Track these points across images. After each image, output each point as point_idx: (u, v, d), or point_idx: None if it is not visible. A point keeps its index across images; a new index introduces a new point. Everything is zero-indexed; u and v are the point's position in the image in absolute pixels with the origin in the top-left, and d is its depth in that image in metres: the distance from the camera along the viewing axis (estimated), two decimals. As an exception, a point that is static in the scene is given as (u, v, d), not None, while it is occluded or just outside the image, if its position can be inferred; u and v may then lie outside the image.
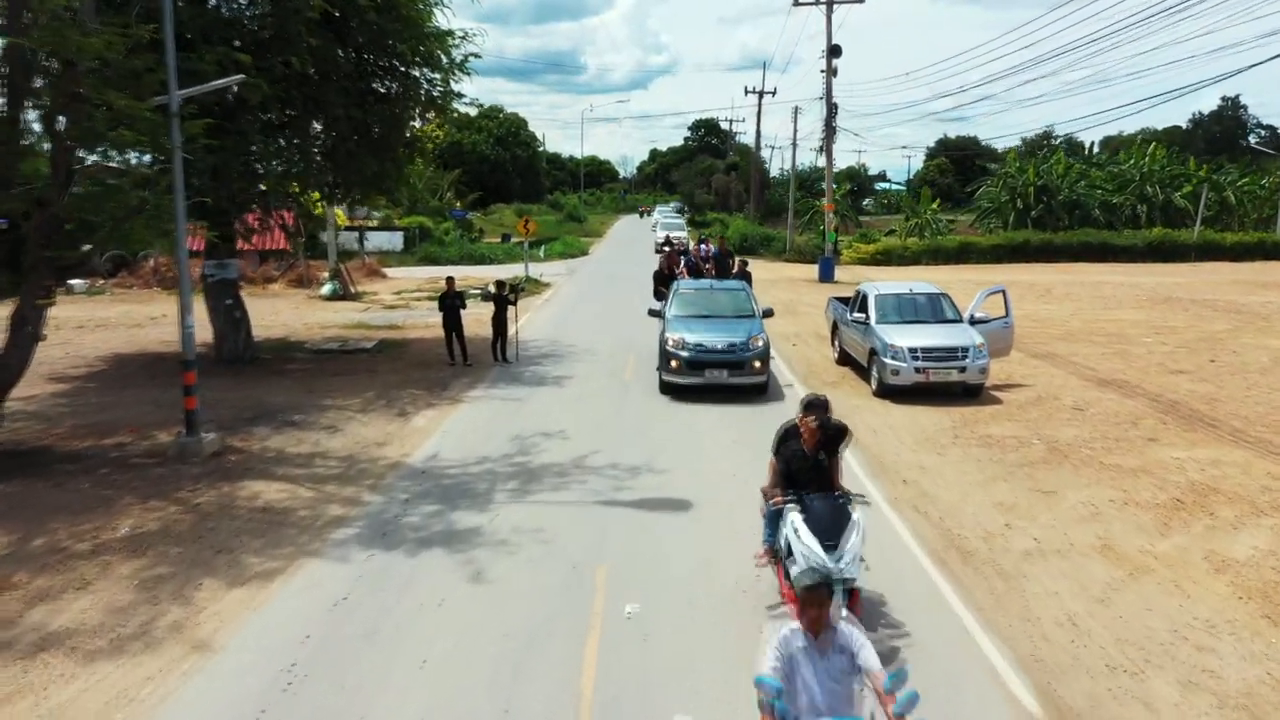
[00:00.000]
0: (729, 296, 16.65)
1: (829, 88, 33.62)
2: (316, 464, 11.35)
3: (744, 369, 14.52)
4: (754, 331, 14.94)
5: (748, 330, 14.96)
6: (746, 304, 16.33)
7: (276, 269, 31.41)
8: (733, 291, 17.01)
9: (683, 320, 15.44)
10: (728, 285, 17.84)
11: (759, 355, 14.62)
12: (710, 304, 16.24)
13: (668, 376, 14.78)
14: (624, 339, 20.58)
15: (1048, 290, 31.89)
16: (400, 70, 17.41)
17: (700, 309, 16.00)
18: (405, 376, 16.73)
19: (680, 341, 14.68)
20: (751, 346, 14.61)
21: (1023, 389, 15.60)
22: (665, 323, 15.67)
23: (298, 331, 22.08)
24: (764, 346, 14.76)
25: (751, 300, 16.58)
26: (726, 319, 15.55)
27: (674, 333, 14.93)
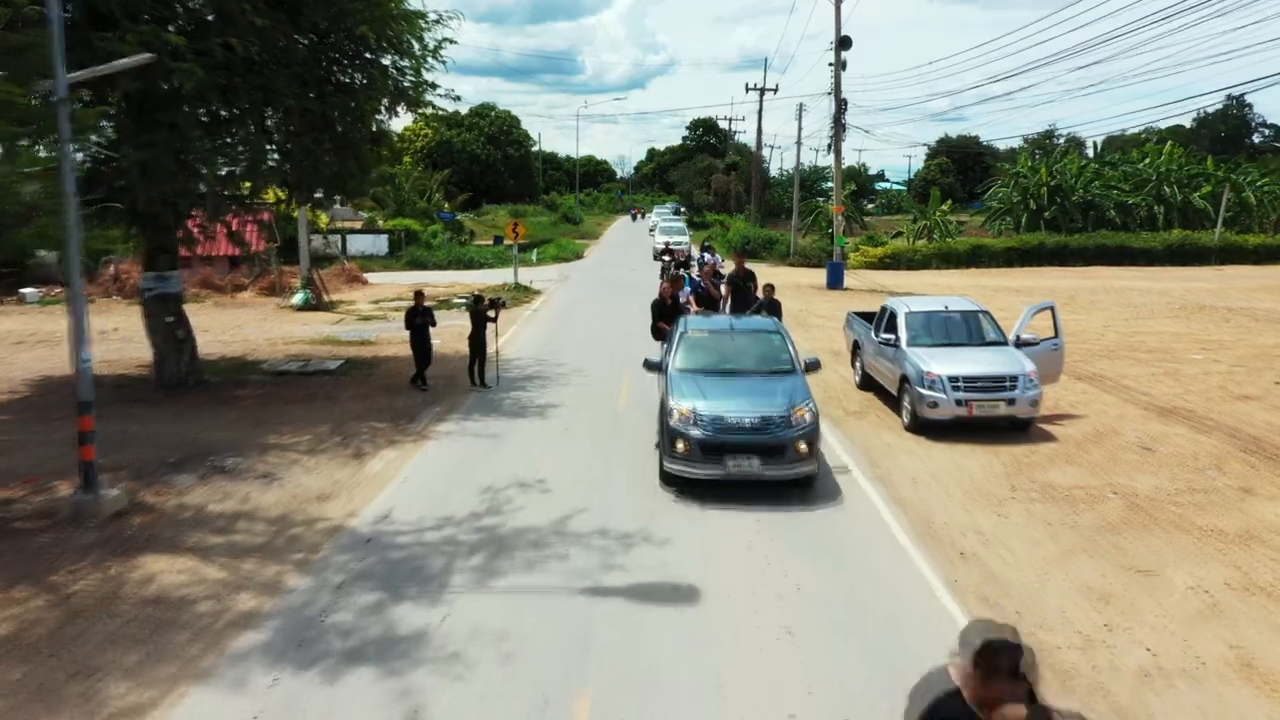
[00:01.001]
0: (757, 342, 11.81)
1: (838, 81, 31.62)
2: (239, 528, 9.28)
3: (784, 456, 9.77)
4: (797, 398, 10.29)
5: (788, 394, 10.32)
6: (782, 353, 11.54)
7: (247, 276, 29.32)
8: (762, 335, 11.98)
9: (692, 379, 10.76)
10: (754, 325, 12.49)
11: (805, 434, 9.90)
12: (731, 353, 11.51)
13: (672, 465, 10.01)
14: (618, 356, 18.52)
15: (1072, 298, 29.87)
16: (364, 57, 15.35)
17: (716, 360, 11.31)
18: (369, 405, 14.67)
19: (690, 414, 9.98)
20: (796, 422, 9.91)
21: (1075, 420, 13.57)
22: (667, 381, 11.03)
23: (259, 348, 20.01)
24: (812, 421, 10.06)
25: (789, 346, 11.74)
26: (755, 376, 10.98)
27: (680, 398, 10.26)
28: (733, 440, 9.81)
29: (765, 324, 12.58)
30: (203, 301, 27.57)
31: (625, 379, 16.14)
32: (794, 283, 34.20)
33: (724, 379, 10.86)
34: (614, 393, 15.33)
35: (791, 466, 9.86)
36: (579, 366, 17.71)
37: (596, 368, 17.59)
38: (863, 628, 7.12)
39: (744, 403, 10.14)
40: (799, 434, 9.88)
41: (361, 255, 40.42)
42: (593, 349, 19.69)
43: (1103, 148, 65.13)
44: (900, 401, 13.30)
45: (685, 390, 10.46)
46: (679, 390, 10.51)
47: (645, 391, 14.72)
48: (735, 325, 12.52)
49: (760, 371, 11.14)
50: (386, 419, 13.77)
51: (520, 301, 28.11)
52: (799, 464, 9.91)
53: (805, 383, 10.88)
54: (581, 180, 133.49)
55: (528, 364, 18.13)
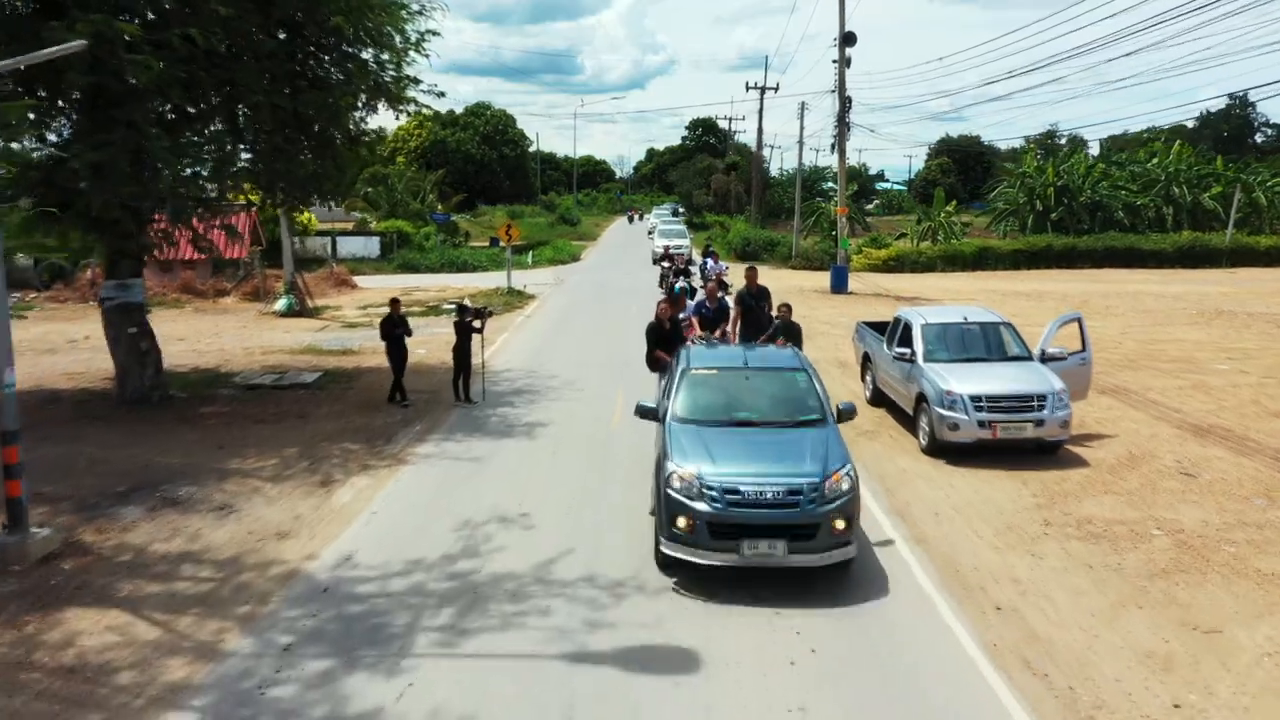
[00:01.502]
0: (778, 383, 9.53)
1: (842, 78, 30.58)
2: (183, 574, 8.27)
3: (816, 537, 7.61)
4: (832, 458, 8.04)
5: (820, 454, 8.09)
6: (810, 397, 9.19)
7: (229, 281, 28.30)
8: (784, 373, 9.66)
9: (696, 433, 8.47)
10: (773, 360, 10.11)
11: (844, 507, 7.72)
12: (745, 397, 9.27)
13: (672, 549, 7.79)
14: (613, 367, 17.52)
15: (1084, 303, 28.84)
16: (340, 50, 14.35)
17: (727, 407, 9.06)
18: (343, 424, 13.65)
19: (694, 480, 7.76)
20: (831, 491, 7.70)
21: (1105, 441, 12.56)
22: (664, 434, 8.68)
23: (234, 358, 18.99)
24: (851, 489, 7.85)
25: (817, 388, 9.34)
26: (777, 429, 8.71)
27: (682, 459, 8.04)
28: (751, 518, 7.60)
29: (786, 358, 10.13)
30: (183, 307, 26.57)
31: (619, 394, 15.11)
32: (796, 286, 33.19)
33: (737, 433, 8.60)
34: (607, 409, 14.31)
35: (826, 552, 7.65)
36: (571, 379, 16.69)
37: (589, 380, 16.58)
38: (889, 708, 6.10)
39: (764, 466, 7.94)
40: (836, 508, 7.67)
41: (352, 258, 39.39)
42: (586, 359, 18.68)
43: (1105, 148, 64.06)
44: (916, 421, 12.29)
45: (688, 448, 8.20)
46: (680, 448, 8.23)
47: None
48: (750, 359, 10.09)
49: (783, 422, 8.82)
50: (361, 440, 12.75)
51: (513, 307, 27.11)
52: (836, 548, 7.68)
53: (840, 437, 8.60)
54: (580, 180, 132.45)
55: (517, 376, 17.11)
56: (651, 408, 9.45)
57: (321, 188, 15.15)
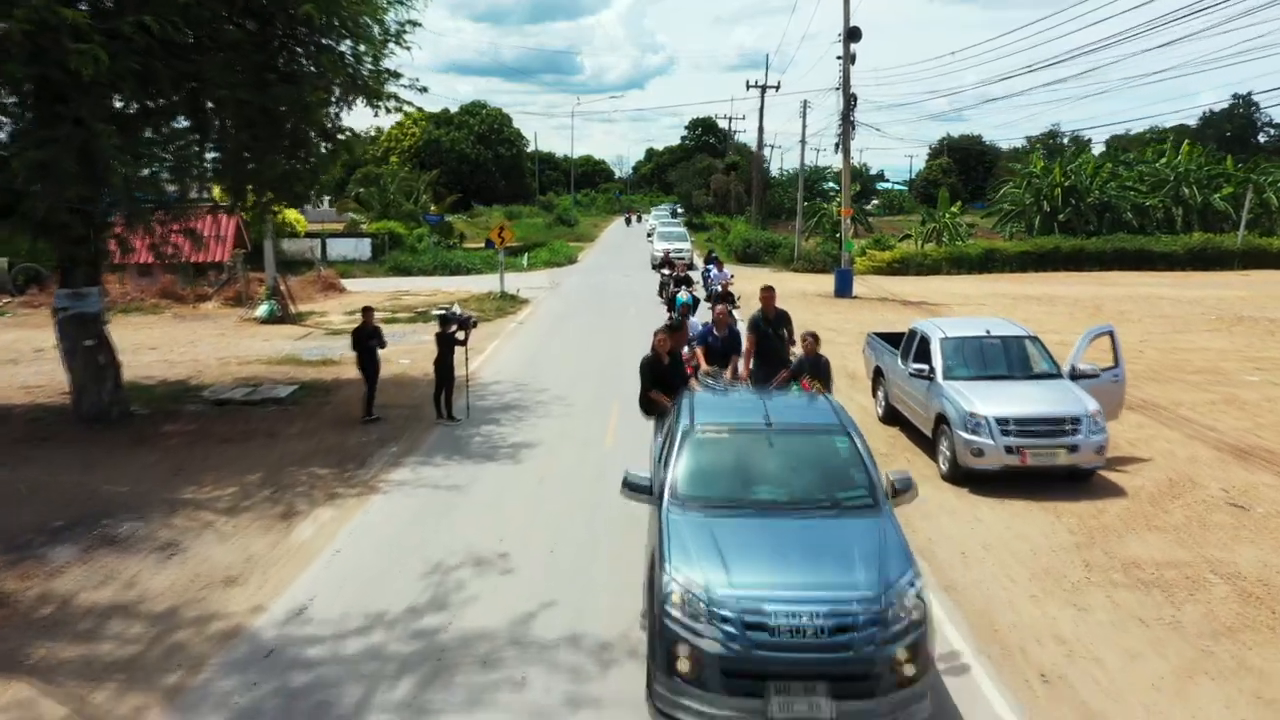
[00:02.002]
0: (810, 448, 7.10)
1: (846, 75, 29.56)
2: (109, 631, 7.25)
3: (876, 686, 5.36)
4: (891, 566, 5.78)
5: (874, 559, 5.83)
6: (854, 469, 6.86)
7: (211, 285, 27.27)
8: (817, 435, 7.21)
9: (704, 524, 6.20)
10: (802, 415, 7.80)
11: (911, 639, 5.47)
12: (768, 468, 6.92)
13: (669, 701, 5.51)
14: (608, 379, 16.51)
15: (1098, 308, 27.86)
16: (311, 41, 13.32)
17: (743, 483, 6.76)
18: (314, 444, 12.64)
19: (700, 599, 5.56)
20: (895, 617, 5.49)
21: (1140, 465, 11.54)
22: (660, 524, 6.37)
23: (208, 369, 17.96)
24: (921, 615, 5.57)
25: (863, 457, 6.92)
26: (810, 516, 6.40)
27: (684, 564, 5.80)
28: (782, 660, 5.31)
29: (821, 413, 7.62)
30: (161, 313, 25.55)
31: (614, 410, 14.10)
32: (799, 290, 32.19)
33: (759, 523, 6.26)
34: (600, 427, 13.29)
35: (890, 710, 5.32)
36: (563, 393, 15.67)
37: (582, 394, 15.56)
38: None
39: (799, 575, 5.66)
40: (901, 641, 5.38)
41: (342, 260, 38.36)
42: (579, 370, 17.66)
43: (1111, 148, 62.96)
44: (936, 444, 11.26)
45: (692, 547, 5.88)
46: (681, 546, 5.91)
47: (635, 427, 12.73)
48: (773, 413, 7.40)
49: (820, 506, 6.47)
50: (332, 463, 11.73)
51: (505, 313, 26.08)
52: (904, 706, 5.34)
53: (899, 529, 6.25)
54: (579, 180, 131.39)
55: (505, 390, 16.09)
56: (643, 482, 6.96)
57: (293, 189, 14.11)
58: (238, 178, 13.70)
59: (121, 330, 22.76)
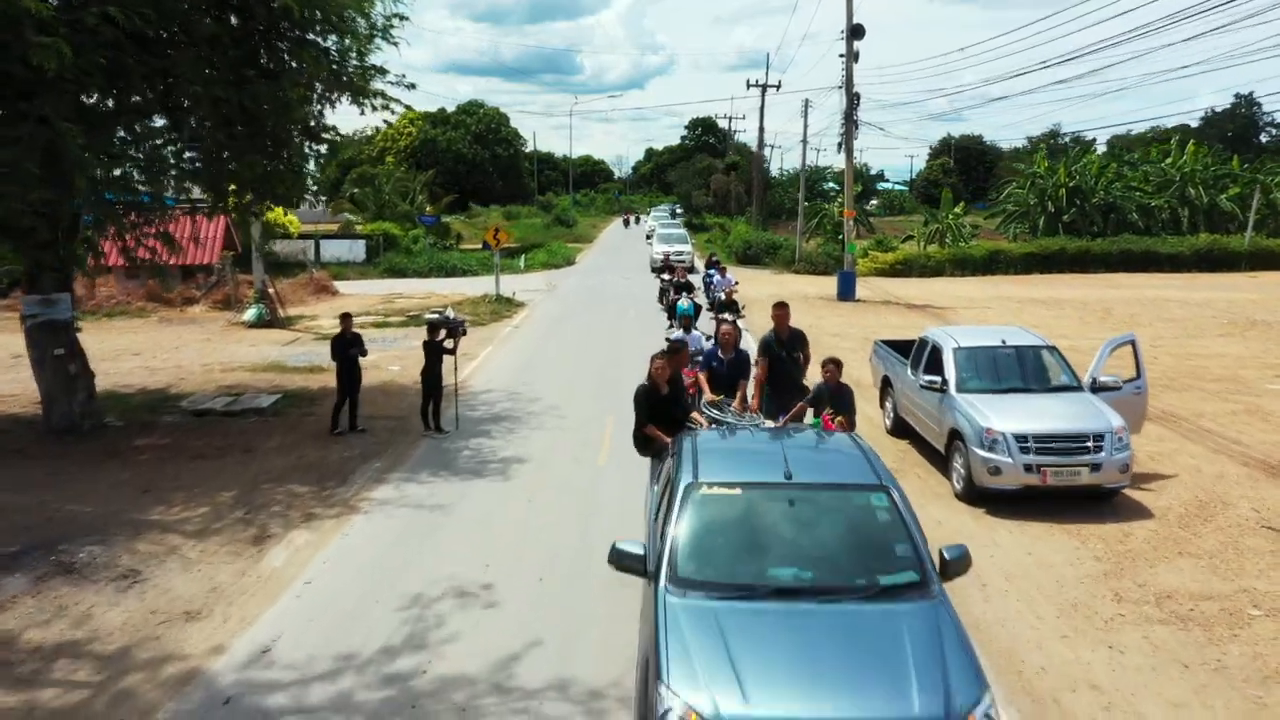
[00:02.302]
0: (840, 511, 5.84)
1: (849, 74, 28.95)
2: (55, 674, 6.63)
3: None
4: (961, 684, 4.51)
5: (933, 665, 4.61)
6: (898, 539, 5.58)
7: (199, 288, 26.65)
8: (849, 493, 5.95)
9: (709, 617, 4.99)
10: (830, 466, 6.48)
11: None
12: (787, 535, 5.68)
13: None
14: (604, 387, 15.93)
15: (1106, 311, 27.27)
16: (292, 35, 12.70)
17: (758, 558, 5.53)
18: (294, 459, 12.02)
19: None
20: None
21: (1165, 483, 10.92)
22: (656, 617, 5.11)
23: (190, 376, 17.34)
24: None
25: (907, 523, 5.64)
26: (843, 604, 5.14)
27: (687, 682, 4.54)
28: None
29: (853, 464, 6.26)
30: (148, 317, 24.93)
31: (608, 423, 13.49)
32: (801, 293, 31.60)
33: (780, 615, 5.04)
34: (594, 441, 12.68)
35: None
36: (556, 403, 15.05)
37: (577, 404, 14.94)
38: None
39: (834, 700, 4.44)
40: None
41: (336, 262, 37.80)
42: (574, 378, 17.05)
43: (1115, 148, 62.30)
44: (949, 461, 10.65)
45: (695, 652, 4.70)
46: (682, 652, 4.73)
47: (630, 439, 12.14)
48: (794, 463, 6.03)
49: (856, 591, 5.23)
50: (311, 480, 11.11)
51: (500, 316, 25.47)
52: None
53: (957, 622, 5.09)
54: (578, 181, 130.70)
55: (497, 399, 15.47)
56: (635, 552, 5.65)
57: (275, 190, 13.48)
58: (216, 178, 13.09)
59: (105, 335, 22.20)
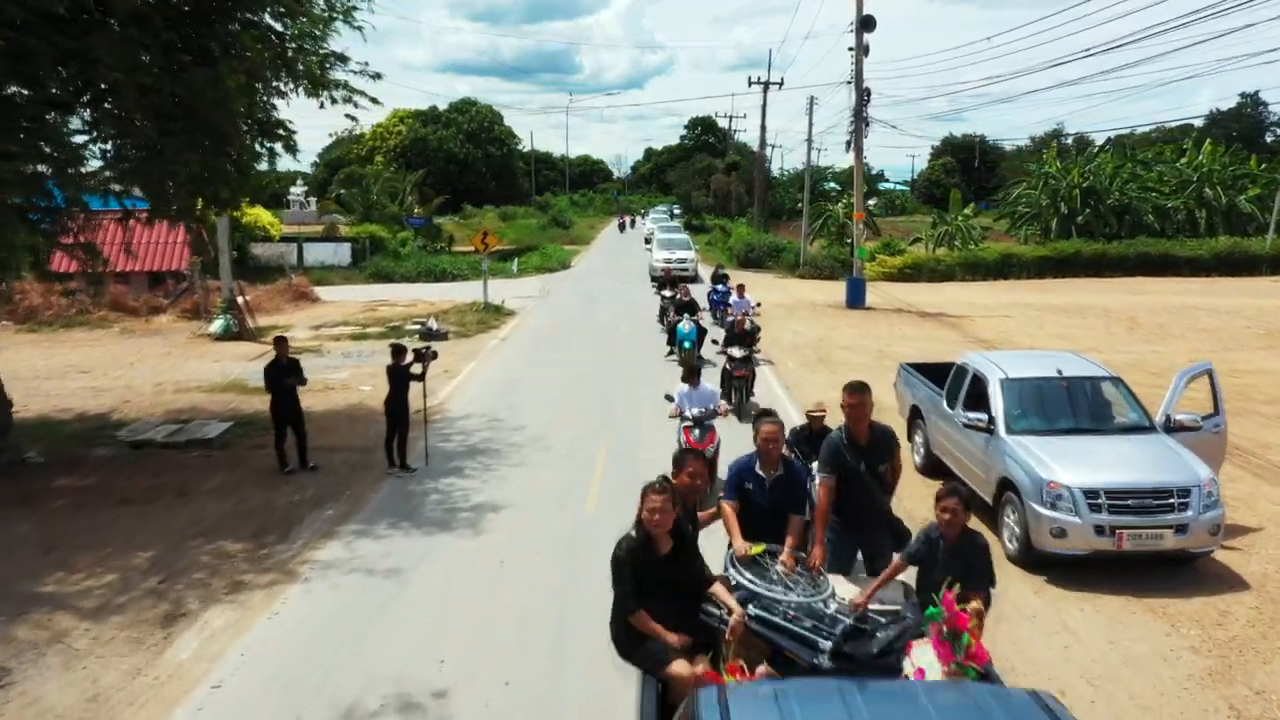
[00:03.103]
0: None
1: (859, 68, 27.31)
2: None
3: None
4: None
5: None
6: None
7: (167, 296, 24.99)
8: None
9: None
10: None
11: None
12: None
13: None
14: (597, 413, 14.34)
15: (1133, 320, 25.63)
16: (235, 14, 11.08)
17: None
18: (234, 503, 10.39)
19: None
20: None
21: (1251, 538, 9.28)
22: None
23: (139, 399, 15.70)
24: None
25: None
26: None
27: None
28: None
29: None
30: (109, 327, 23.28)
31: (599, 457, 11.90)
32: (808, 300, 29.98)
33: None
34: (583, 480, 11.04)
35: None
36: (542, 431, 13.40)
37: (565, 433, 13.30)
38: None
39: None
40: None
41: (320, 266, 36.12)
42: (564, 400, 15.40)
43: (1127, 147, 60.53)
44: (999, 515, 9.01)
45: None
46: None
47: (626, 479, 10.50)
48: None
49: None
50: (248, 534, 9.48)
51: (488, 326, 23.81)
52: None
53: None
54: (577, 181, 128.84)
55: (476, 426, 13.82)
56: None
57: (216, 193, 11.81)
58: (150, 179, 11.42)
59: (58, 348, 20.57)
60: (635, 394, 15.57)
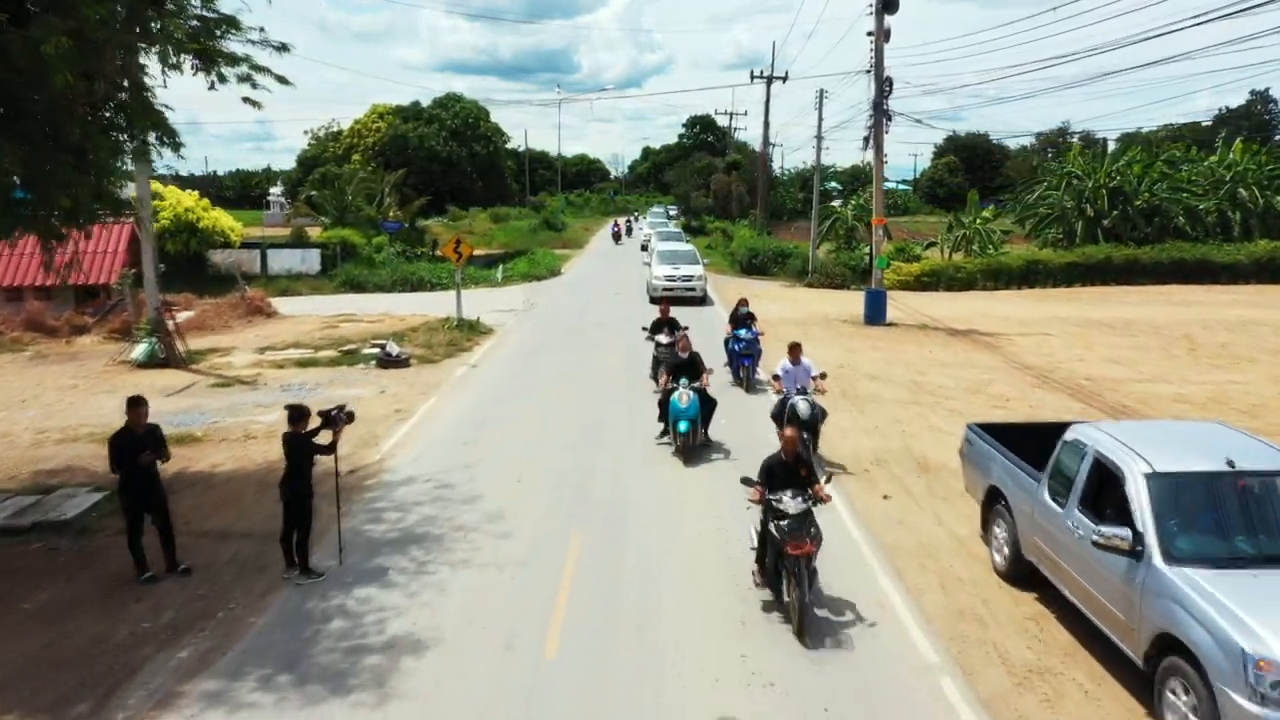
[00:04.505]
0: None
1: (879, 55, 24.30)
2: None
3: None
4: None
5: None
6: None
7: (94, 313, 21.99)
8: None
9: None
10: None
11: None
12: None
13: None
14: (576, 473, 11.39)
15: (1189, 338, 22.66)
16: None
17: None
18: (54, 636, 7.43)
19: None
20: None
21: None
22: None
23: (11, 451, 12.72)
24: None
25: None
26: None
27: None
28: None
29: None
30: (21, 351, 20.28)
31: (572, 554, 8.93)
32: (821, 314, 26.99)
33: None
34: (545, 600, 8.05)
35: None
36: (500, 507, 10.41)
37: (530, 510, 10.31)
38: None
39: None
40: None
41: (287, 274, 33.14)
42: (535, 458, 12.38)
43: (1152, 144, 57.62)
44: (1160, 688, 6.01)
45: None
46: None
47: (604, 601, 7.56)
48: None
49: None
50: (49, 701, 6.52)
51: (459, 349, 20.80)
52: None
53: None
54: (574, 180, 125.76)
55: (417, 497, 10.83)
56: None
57: (50, 198, 8.73)
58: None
59: (-56, 380, 17.57)
60: (625, 449, 12.61)
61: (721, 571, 8.60)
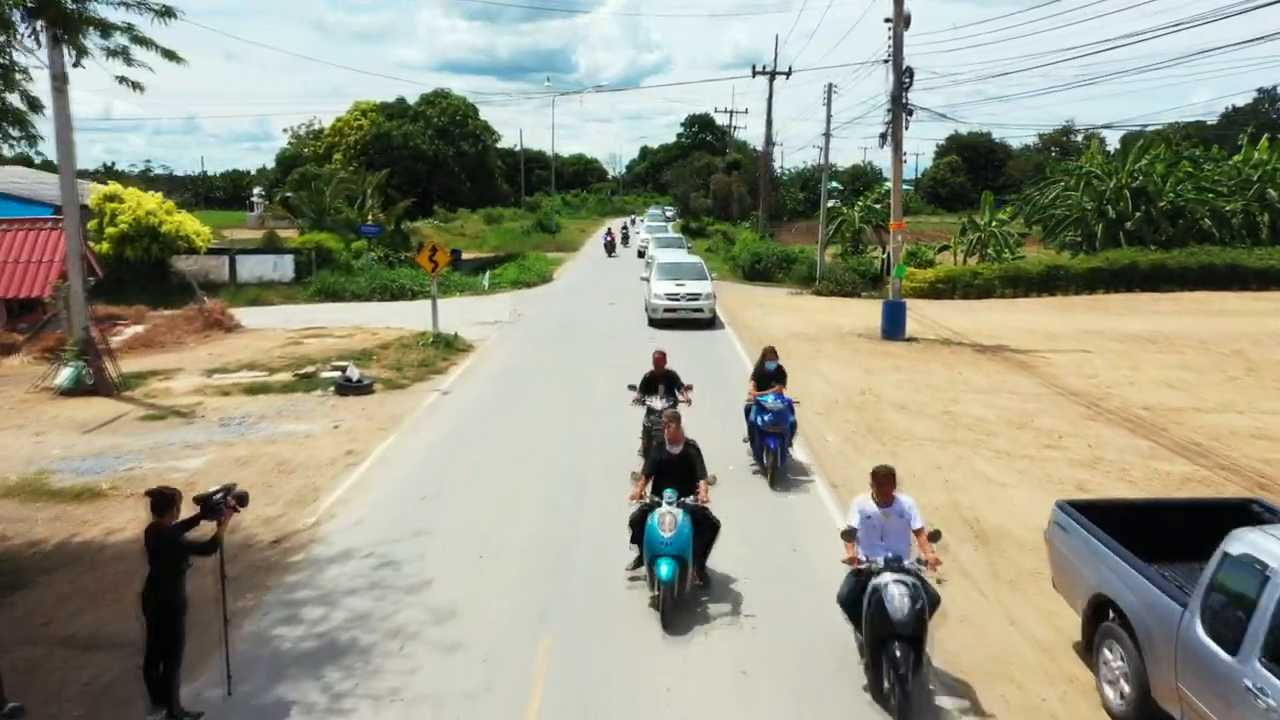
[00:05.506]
0: None
1: (898, 44, 22.10)
2: None
3: None
4: None
5: None
6: None
7: (24, 330, 19.76)
8: None
9: None
10: None
11: None
12: None
13: None
14: (551, 550, 9.18)
15: (1242, 356, 20.48)
16: None
17: None
18: None
19: None
20: None
21: None
22: None
23: None
24: None
25: None
26: None
27: None
28: None
29: None
30: (-63, 375, 18.05)
31: (539, 678, 6.72)
32: (833, 326, 24.77)
33: None
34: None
35: None
36: (453, 599, 8.18)
37: (489, 606, 8.09)
38: None
39: None
40: None
41: (258, 282, 30.92)
42: (503, 524, 10.16)
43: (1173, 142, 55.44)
44: None
45: None
46: None
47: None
48: None
49: None
50: None
51: (432, 371, 18.59)
52: None
53: None
54: (571, 180, 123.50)
55: (349, 584, 8.60)
56: None
57: None
58: None
59: None
60: (615, 508, 10.38)
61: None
